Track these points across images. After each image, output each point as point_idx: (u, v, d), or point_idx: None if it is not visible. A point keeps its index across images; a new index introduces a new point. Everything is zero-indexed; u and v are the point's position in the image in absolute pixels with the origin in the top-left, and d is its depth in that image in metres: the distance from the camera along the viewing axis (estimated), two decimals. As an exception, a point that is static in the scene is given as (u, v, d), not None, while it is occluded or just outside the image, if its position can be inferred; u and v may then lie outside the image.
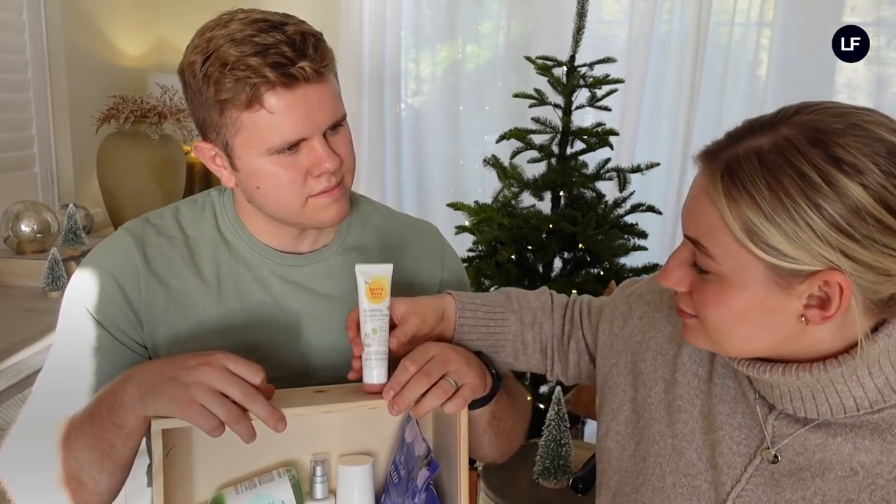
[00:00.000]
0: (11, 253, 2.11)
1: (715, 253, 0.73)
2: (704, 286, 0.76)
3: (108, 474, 0.91)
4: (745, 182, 0.69)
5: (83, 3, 2.62)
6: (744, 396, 0.85)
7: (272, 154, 0.94)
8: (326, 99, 0.95)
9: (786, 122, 0.71)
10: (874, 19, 2.79)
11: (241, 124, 0.93)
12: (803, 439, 0.80)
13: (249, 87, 0.90)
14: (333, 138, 0.98)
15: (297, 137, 0.94)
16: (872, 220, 0.67)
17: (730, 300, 0.74)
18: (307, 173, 0.96)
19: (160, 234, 1.04)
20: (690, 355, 0.91)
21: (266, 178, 0.96)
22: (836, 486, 0.78)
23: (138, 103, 2.48)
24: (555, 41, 2.72)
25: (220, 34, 0.93)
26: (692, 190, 0.76)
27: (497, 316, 1.03)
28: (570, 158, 2.39)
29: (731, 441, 0.84)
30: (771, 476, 0.81)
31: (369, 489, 0.97)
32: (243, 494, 0.93)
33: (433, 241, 1.18)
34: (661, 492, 0.89)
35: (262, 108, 0.92)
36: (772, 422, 0.82)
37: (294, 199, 0.97)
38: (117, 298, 1.00)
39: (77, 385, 0.98)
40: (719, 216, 0.71)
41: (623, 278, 2.36)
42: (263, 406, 0.83)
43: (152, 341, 1.02)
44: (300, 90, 0.92)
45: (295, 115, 0.93)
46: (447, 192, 3.08)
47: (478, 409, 0.98)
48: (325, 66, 0.94)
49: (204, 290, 1.03)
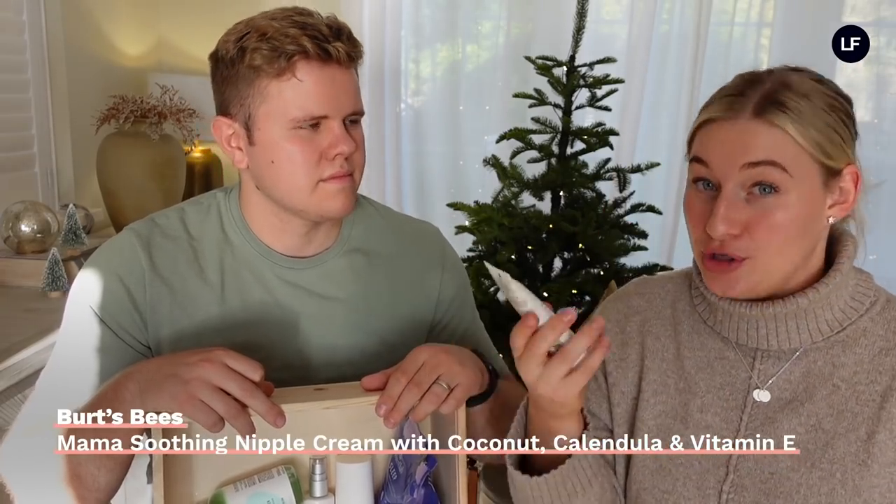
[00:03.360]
0: (11, 253, 2.11)
1: (792, 169, 0.85)
2: (765, 214, 0.86)
3: (107, 470, 0.92)
4: (801, 111, 0.85)
5: (83, 3, 2.62)
6: (720, 358, 0.97)
7: (293, 128, 0.97)
8: (352, 87, 1.00)
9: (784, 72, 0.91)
10: (874, 19, 2.79)
11: (269, 93, 0.97)
12: (788, 373, 0.93)
13: (285, 57, 0.95)
14: (351, 128, 1.01)
15: (321, 113, 0.97)
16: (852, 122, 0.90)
17: (792, 215, 0.86)
18: (322, 155, 0.98)
19: (165, 235, 1.04)
20: (653, 343, 1.00)
21: (282, 152, 0.98)
22: (825, 403, 0.91)
23: (138, 103, 2.48)
24: (555, 41, 2.71)
25: (258, 17, 0.98)
26: (735, 127, 0.87)
27: None
28: (570, 158, 2.38)
29: (718, 400, 0.95)
30: (766, 416, 0.93)
31: (368, 487, 0.97)
32: (243, 492, 0.94)
33: (434, 244, 1.18)
34: (659, 471, 0.96)
35: (294, 78, 0.96)
36: (758, 366, 0.94)
37: (305, 180, 0.99)
38: (122, 299, 1.00)
39: (79, 383, 0.98)
40: (784, 134, 0.85)
41: (623, 278, 2.36)
42: (262, 402, 0.85)
43: (156, 341, 1.02)
44: (331, 69, 0.97)
45: (323, 91, 0.97)
46: (447, 192, 3.08)
47: (476, 407, 0.98)
48: (357, 53, 1.00)
49: (207, 291, 1.03)
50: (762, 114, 0.86)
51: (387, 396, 0.90)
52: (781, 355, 0.94)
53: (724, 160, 0.87)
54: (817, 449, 0.90)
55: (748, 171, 0.86)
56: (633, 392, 1.01)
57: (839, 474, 0.88)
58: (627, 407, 1.01)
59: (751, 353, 0.95)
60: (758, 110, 0.86)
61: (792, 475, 0.90)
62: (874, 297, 0.94)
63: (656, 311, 1.03)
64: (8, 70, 2.35)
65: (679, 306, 1.02)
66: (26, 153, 2.44)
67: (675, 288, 1.05)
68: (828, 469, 0.89)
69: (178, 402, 0.84)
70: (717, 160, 0.88)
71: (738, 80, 0.92)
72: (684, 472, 0.95)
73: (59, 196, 2.55)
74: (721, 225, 0.86)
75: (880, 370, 0.91)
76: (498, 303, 2.42)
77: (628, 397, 1.01)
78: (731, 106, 0.88)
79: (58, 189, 2.55)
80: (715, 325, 0.97)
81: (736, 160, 0.86)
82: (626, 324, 1.04)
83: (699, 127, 0.92)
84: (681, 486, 0.94)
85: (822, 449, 0.90)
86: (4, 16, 2.33)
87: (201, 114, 2.62)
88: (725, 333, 0.96)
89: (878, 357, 0.91)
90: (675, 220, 2.89)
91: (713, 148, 0.89)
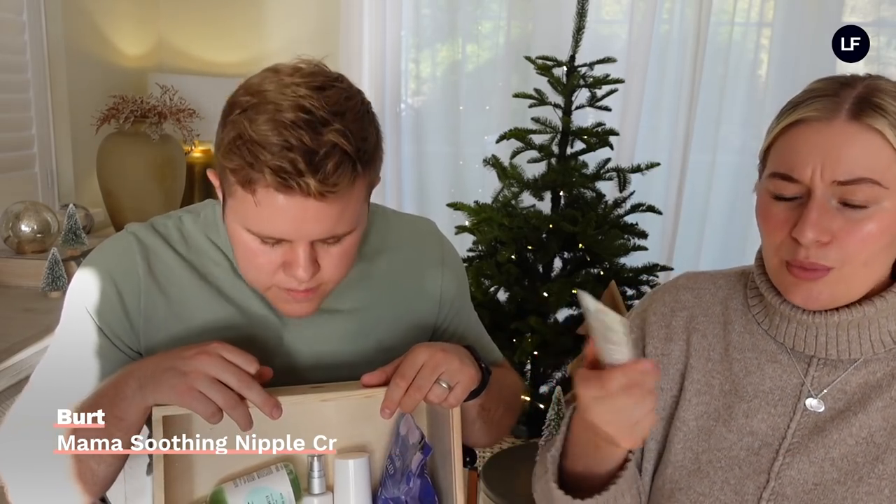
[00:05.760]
0: (11, 253, 2.11)
1: (886, 180, 0.81)
2: (856, 225, 0.82)
3: (106, 465, 0.93)
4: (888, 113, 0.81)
5: (83, 4, 2.63)
6: (772, 362, 0.93)
7: (252, 233, 0.91)
8: (326, 216, 0.88)
9: (873, 76, 0.86)
10: (874, 19, 2.79)
11: (235, 192, 0.89)
12: (844, 383, 0.90)
13: (249, 173, 0.86)
14: (325, 249, 0.92)
15: (279, 237, 0.90)
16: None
17: (884, 226, 0.82)
18: (281, 266, 0.92)
19: (164, 242, 1.04)
20: (700, 341, 0.97)
21: (240, 246, 0.94)
22: (879, 416, 0.87)
23: (138, 103, 2.48)
24: (555, 41, 2.72)
25: (270, 94, 0.87)
26: (830, 129, 0.82)
27: None
28: (570, 158, 2.39)
29: (767, 405, 0.92)
30: (815, 425, 0.89)
31: (365, 482, 0.98)
32: (242, 487, 0.95)
33: (433, 243, 1.18)
34: (697, 472, 0.93)
35: (253, 197, 0.87)
36: (812, 373, 0.91)
37: (261, 280, 0.95)
38: (115, 304, 1.00)
39: (73, 381, 0.99)
40: (881, 139, 0.81)
41: (623, 278, 2.37)
42: (259, 393, 0.86)
43: (148, 346, 1.02)
44: (296, 199, 0.86)
45: (281, 218, 0.87)
46: (447, 192, 3.08)
47: (469, 402, 0.99)
48: (337, 187, 0.86)
49: (204, 299, 1.03)
50: (859, 116, 0.81)
51: (389, 401, 0.91)
52: (839, 364, 0.90)
53: (814, 170, 0.82)
54: (867, 463, 0.86)
55: (839, 188, 0.82)
56: (674, 390, 0.97)
57: (888, 490, 0.85)
58: (665, 404, 0.97)
59: (806, 359, 0.92)
60: (855, 112, 0.82)
61: (837, 488, 0.87)
62: None
63: (705, 308, 0.99)
64: (8, 70, 2.35)
65: (732, 305, 0.98)
66: (26, 153, 2.45)
67: (728, 285, 1.00)
68: (876, 485, 0.85)
69: (176, 394, 0.85)
70: (807, 171, 0.82)
71: (827, 83, 0.86)
72: (723, 475, 0.92)
73: (59, 196, 2.55)
74: (811, 231, 0.81)
75: None
76: (498, 303, 2.42)
77: (668, 394, 0.98)
78: (825, 106, 0.83)
79: (58, 189, 2.56)
80: (770, 329, 0.94)
81: (826, 173, 0.82)
82: (672, 318, 1.00)
83: (784, 130, 0.86)
84: (718, 489, 0.91)
85: (871, 463, 0.86)
86: (4, 16, 2.33)
87: (201, 114, 2.62)
88: (781, 339, 0.92)
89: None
90: (674, 220, 2.89)
91: (805, 154, 0.83)
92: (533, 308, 2.34)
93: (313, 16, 2.98)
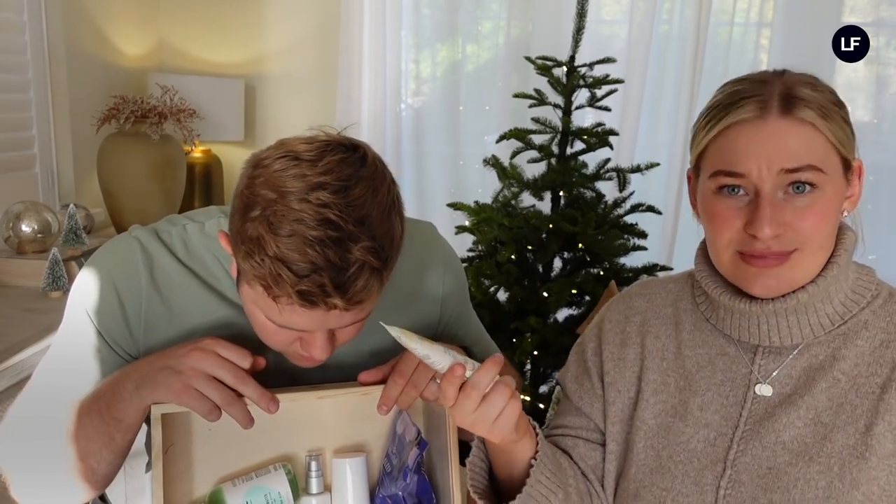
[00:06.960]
0: (12, 253, 2.11)
1: (825, 166, 0.87)
2: (805, 211, 0.87)
3: (106, 463, 0.94)
4: (819, 104, 0.87)
5: (83, 4, 2.63)
6: (721, 355, 0.98)
7: (269, 320, 0.88)
8: (349, 318, 0.86)
9: (779, 71, 0.92)
10: (874, 19, 2.79)
11: (255, 286, 0.84)
12: (789, 368, 0.94)
13: (272, 289, 0.82)
14: (342, 329, 0.91)
15: (299, 329, 0.88)
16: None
17: (828, 206, 0.88)
18: (295, 339, 0.91)
19: (168, 251, 1.03)
20: (653, 343, 1.01)
21: (256, 323, 0.91)
22: (825, 396, 0.92)
23: (139, 104, 2.48)
24: (555, 41, 2.72)
25: (292, 198, 0.80)
26: (765, 129, 0.87)
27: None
28: (570, 158, 2.39)
29: (719, 396, 0.96)
30: (765, 411, 0.94)
31: (363, 481, 0.98)
32: (240, 487, 0.95)
33: (433, 246, 1.17)
34: (658, 469, 0.96)
35: (276, 304, 0.83)
36: (759, 361, 0.95)
37: (274, 347, 0.94)
38: (115, 311, 1.00)
39: (73, 381, 0.99)
40: (814, 130, 0.87)
41: (623, 278, 2.36)
42: (255, 388, 0.87)
43: (147, 350, 1.02)
44: (321, 310, 0.83)
45: (303, 321, 0.85)
46: (447, 192, 3.08)
47: None
48: (363, 301, 0.84)
49: (205, 303, 1.03)
50: (790, 110, 0.86)
51: (386, 397, 0.93)
52: (783, 350, 0.95)
53: (759, 166, 0.87)
54: (815, 443, 0.90)
55: (786, 175, 0.86)
56: (632, 391, 1.02)
57: (837, 468, 0.88)
58: (624, 406, 1.02)
59: (752, 349, 0.96)
60: (784, 108, 0.87)
61: (790, 470, 0.90)
62: (876, 291, 0.95)
63: (657, 311, 1.04)
64: (8, 70, 2.35)
65: (681, 305, 1.03)
66: (27, 153, 2.45)
67: (677, 288, 1.05)
68: (826, 462, 0.89)
69: (173, 393, 0.85)
70: (751, 166, 0.87)
71: (746, 84, 0.91)
72: (683, 469, 0.95)
73: (59, 196, 2.55)
74: (768, 227, 0.86)
75: (881, 362, 0.91)
76: (498, 303, 2.42)
77: (625, 396, 1.02)
78: (756, 107, 0.87)
79: (58, 189, 2.56)
80: (717, 323, 0.98)
81: (772, 165, 0.86)
82: (626, 324, 1.05)
83: (718, 135, 0.90)
84: (679, 483, 0.95)
85: (820, 442, 0.90)
86: (4, 16, 2.33)
87: (202, 114, 2.62)
88: (728, 331, 0.97)
89: (878, 349, 0.92)
90: (674, 220, 2.89)
91: (747, 150, 0.87)
92: (533, 308, 2.34)
93: (313, 16, 2.98)
